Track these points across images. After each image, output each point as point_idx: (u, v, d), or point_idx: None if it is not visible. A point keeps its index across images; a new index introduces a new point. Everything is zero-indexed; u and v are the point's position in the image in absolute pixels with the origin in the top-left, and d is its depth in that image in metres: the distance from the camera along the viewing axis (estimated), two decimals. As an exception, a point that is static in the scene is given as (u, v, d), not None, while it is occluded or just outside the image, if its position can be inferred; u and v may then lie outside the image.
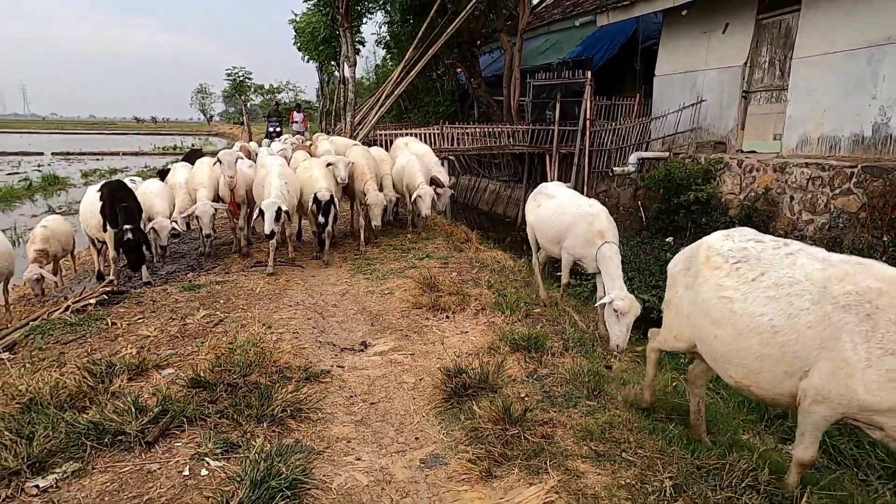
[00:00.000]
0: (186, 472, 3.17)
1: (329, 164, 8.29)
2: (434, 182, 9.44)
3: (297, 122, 20.88)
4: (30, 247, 7.31)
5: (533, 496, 2.85)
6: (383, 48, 25.03)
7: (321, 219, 7.67)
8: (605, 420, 3.49)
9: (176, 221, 7.69)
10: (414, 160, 9.68)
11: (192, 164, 9.12)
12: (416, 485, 3.15)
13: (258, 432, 3.45)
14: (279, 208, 7.02)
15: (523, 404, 3.61)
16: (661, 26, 14.03)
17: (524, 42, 18.23)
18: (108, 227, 6.70)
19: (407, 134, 14.66)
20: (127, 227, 6.40)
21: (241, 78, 28.90)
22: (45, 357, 4.84)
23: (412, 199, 9.26)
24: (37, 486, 3.16)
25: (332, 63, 26.68)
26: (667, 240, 11.23)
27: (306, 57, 27.78)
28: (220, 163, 7.89)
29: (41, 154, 35.63)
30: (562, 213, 5.75)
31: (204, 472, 3.17)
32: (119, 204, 6.56)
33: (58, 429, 3.51)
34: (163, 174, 9.91)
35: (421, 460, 3.37)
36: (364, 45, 21.21)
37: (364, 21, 19.41)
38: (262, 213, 7.09)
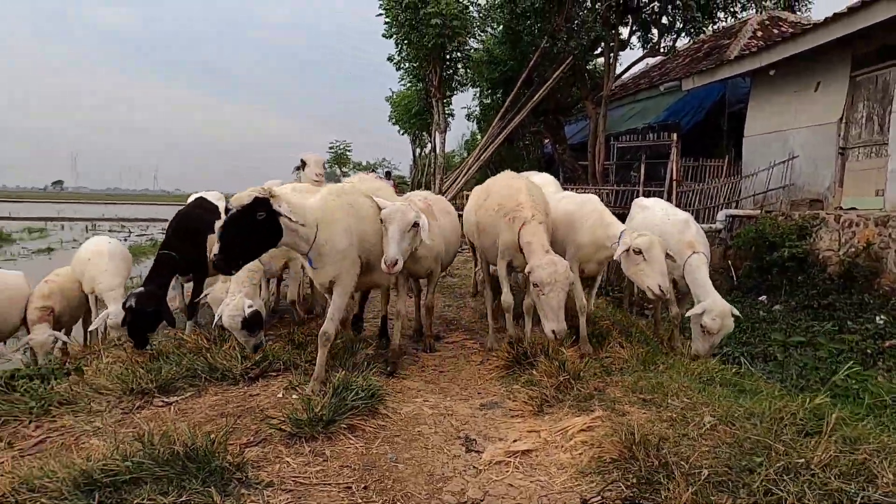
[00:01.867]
0: (280, 395, 3.72)
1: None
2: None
3: (386, 189, 22.25)
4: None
5: (579, 422, 3.10)
6: (472, 121, 26.71)
7: None
8: (657, 381, 3.67)
9: None
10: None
11: None
12: (474, 418, 3.49)
13: (341, 374, 3.96)
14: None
15: (577, 366, 3.88)
16: (750, 88, 14.22)
17: (609, 110, 18.91)
18: None
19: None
20: None
21: (342, 150, 31.61)
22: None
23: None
24: (163, 401, 3.84)
25: (424, 134, 28.69)
26: (760, 299, 10.87)
27: (401, 130, 30.08)
28: (306, 165, 6.30)
29: (165, 221, 40.36)
30: (650, 223, 5.33)
31: (294, 395, 3.70)
32: None
33: (181, 366, 4.23)
34: None
35: (481, 404, 3.72)
36: (453, 117, 22.79)
37: (455, 93, 21.00)
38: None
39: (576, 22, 17.72)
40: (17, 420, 3.66)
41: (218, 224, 4.97)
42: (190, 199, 6.23)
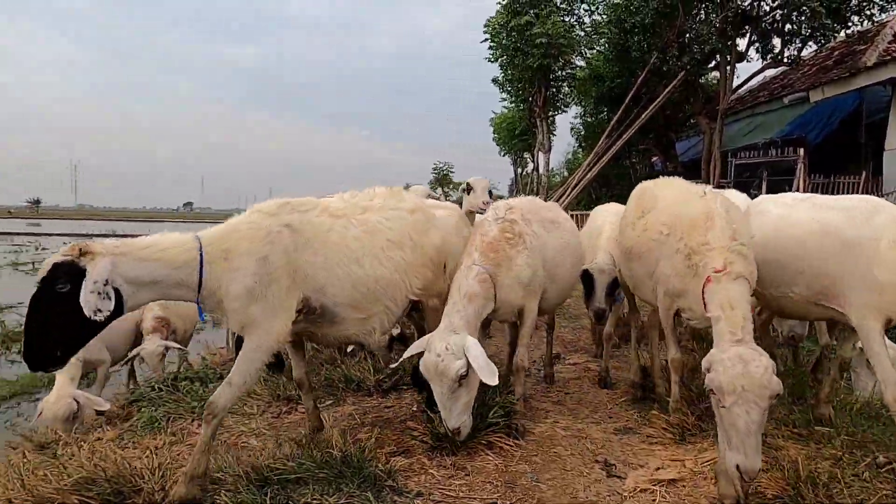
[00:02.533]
0: (415, 408, 3.87)
1: None
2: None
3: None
4: None
5: (728, 454, 2.94)
6: (575, 139, 26.38)
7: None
8: (810, 415, 3.41)
9: None
10: None
11: None
12: (610, 442, 3.43)
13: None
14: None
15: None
16: (891, 97, 12.96)
17: (725, 125, 17.95)
18: None
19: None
20: None
21: (445, 171, 32.38)
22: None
23: None
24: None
25: (526, 155, 28.70)
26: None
27: (503, 151, 30.34)
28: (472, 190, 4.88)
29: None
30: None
31: (415, 408, 3.83)
32: None
33: (319, 375, 4.52)
34: None
35: (615, 429, 3.64)
36: (555, 135, 22.68)
37: (559, 112, 20.90)
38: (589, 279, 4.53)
39: (688, 36, 17.10)
40: (182, 417, 4.07)
41: None
42: None
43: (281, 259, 2.87)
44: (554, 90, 19.42)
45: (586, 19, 18.88)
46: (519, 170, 31.22)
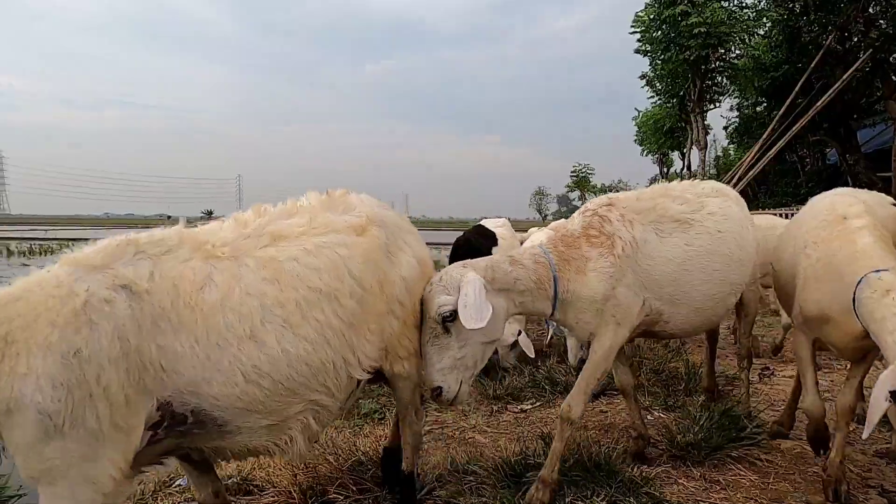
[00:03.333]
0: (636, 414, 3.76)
1: None
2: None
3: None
4: None
5: None
6: (729, 136, 24.42)
7: None
8: None
9: None
10: None
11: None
12: (876, 466, 3.07)
13: (689, 400, 3.86)
14: None
15: None
16: None
17: (922, 109, 15.60)
18: None
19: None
20: None
21: (584, 173, 31.62)
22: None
23: None
24: (519, 408, 4.19)
25: (673, 153, 27.15)
26: None
27: (645, 150, 28.98)
28: None
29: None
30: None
31: (649, 416, 3.71)
32: None
33: (523, 375, 4.58)
34: None
35: (875, 451, 3.25)
36: (708, 132, 21.04)
37: (715, 106, 19.45)
38: None
39: (873, 10, 15.10)
40: (390, 412, 4.30)
41: (495, 249, 4.92)
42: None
43: (110, 351, 1.71)
44: (709, 83, 18.13)
45: (748, 0, 17.41)
46: (665, 169, 29.61)
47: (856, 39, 14.87)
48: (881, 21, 14.90)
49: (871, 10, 15.04)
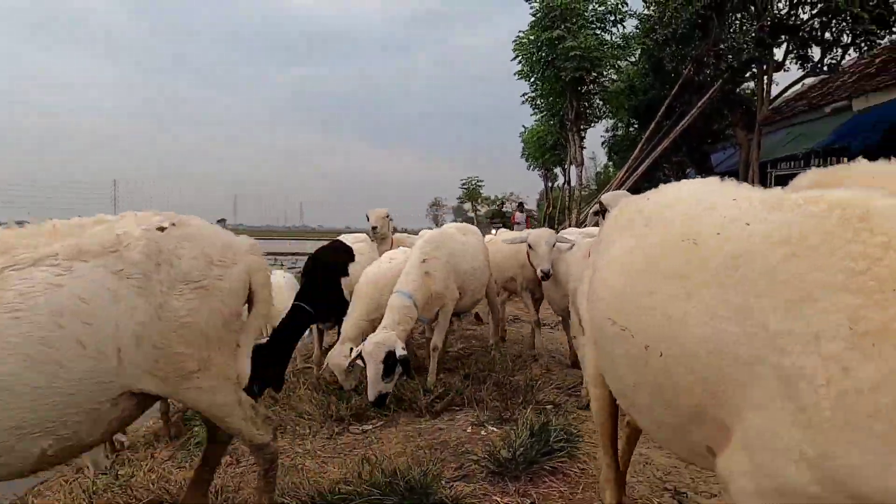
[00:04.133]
0: (469, 430, 3.79)
1: None
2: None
3: (518, 224, 21.60)
4: None
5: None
6: (606, 153, 26.14)
7: None
8: None
9: None
10: None
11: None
12: (677, 469, 3.30)
13: (524, 413, 3.96)
14: None
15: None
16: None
17: (762, 136, 17.58)
18: None
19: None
20: None
21: (474, 186, 32.40)
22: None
23: None
24: (360, 429, 4.09)
25: (557, 169, 28.56)
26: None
27: (531, 166, 30.26)
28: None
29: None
30: None
31: (483, 432, 3.76)
32: None
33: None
34: None
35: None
36: (585, 148, 22.48)
37: (591, 125, 20.74)
38: None
39: (723, 45, 16.83)
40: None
41: (352, 265, 5.20)
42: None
43: None
44: (586, 104, 19.31)
45: (616, 30, 18.75)
46: (549, 184, 31.05)
47: (708, 71, 16.45)
48: (729, 56, 16.61)
49: (721, 45, 16.74)
